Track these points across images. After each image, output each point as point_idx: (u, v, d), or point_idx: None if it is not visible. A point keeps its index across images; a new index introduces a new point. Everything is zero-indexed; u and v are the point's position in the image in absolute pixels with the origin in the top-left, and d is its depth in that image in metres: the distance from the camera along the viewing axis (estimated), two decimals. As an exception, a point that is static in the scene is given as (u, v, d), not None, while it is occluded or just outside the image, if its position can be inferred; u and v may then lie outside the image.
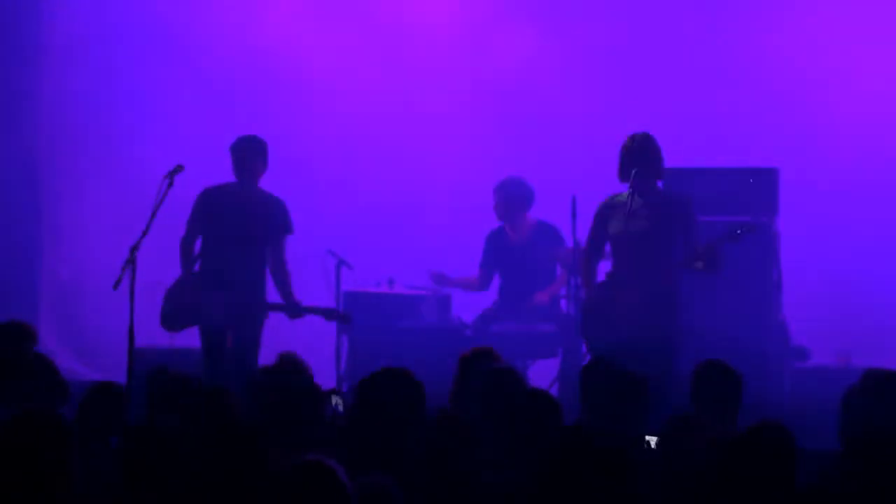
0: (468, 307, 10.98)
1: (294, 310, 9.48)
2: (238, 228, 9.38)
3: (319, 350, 10.70)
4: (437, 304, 10.82)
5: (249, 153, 9.43)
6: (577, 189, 9.94)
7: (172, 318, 9.45)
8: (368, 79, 12.40)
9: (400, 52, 12.40)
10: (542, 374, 10.36)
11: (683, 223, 8.78)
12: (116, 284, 8.66)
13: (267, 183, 9.52)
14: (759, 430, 5.07)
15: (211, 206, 9.49)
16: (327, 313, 9.65)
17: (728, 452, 5.12)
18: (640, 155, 8.75)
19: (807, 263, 11.11)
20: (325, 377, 8.26)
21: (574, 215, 9.83)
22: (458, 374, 6.96)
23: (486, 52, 12.33)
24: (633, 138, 8.82)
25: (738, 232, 8.71)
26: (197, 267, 9.51)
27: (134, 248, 8.69)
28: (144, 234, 8.79)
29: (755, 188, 10.12)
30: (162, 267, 9.57)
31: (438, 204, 12.20)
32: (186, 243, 9.53)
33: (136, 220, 9.01)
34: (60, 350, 11.74)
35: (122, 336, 8.67)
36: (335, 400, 6.56)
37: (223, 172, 9.53)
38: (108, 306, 10.40)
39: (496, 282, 10.98)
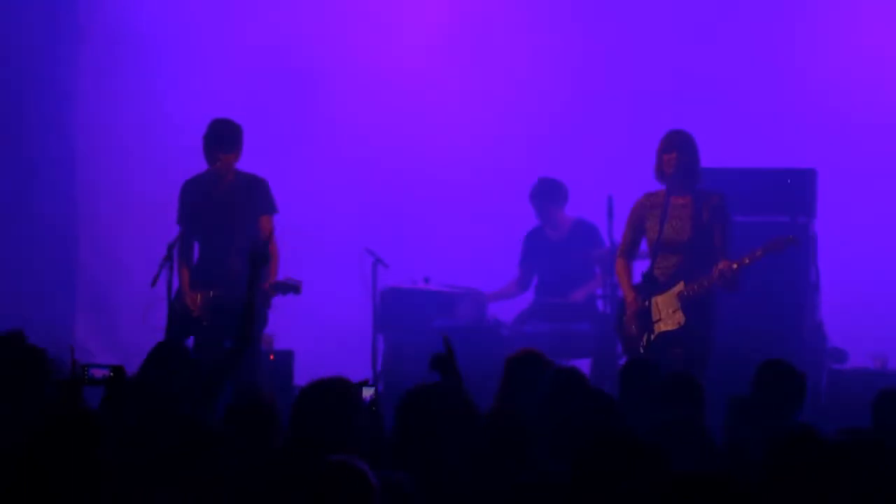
0: (504, 305, 10.97)
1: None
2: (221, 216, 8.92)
3: (355, 348, 10.75)
4: (473, 303, 10.81)
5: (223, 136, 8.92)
6: (613, 189, 9.91)
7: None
8: (404, 79, 12.39)
9: (437, 51, 12.39)
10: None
11: (719, 223, 8.72)
12: (154, 282, 8.69)
13: (301, 182, 9.33)
14: (791, 436, 5.02)
15: (193, 196, 9.03)
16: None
17: (765, 463, 5.05)
18: (677, 153, 8.68)
19: (845, 265, 11.05)
20: (362, 376, 8.24)
21: (611, 215, 9.78)
22: (505, 375, 6.92)
23: (524, 51, 12.31)
24: (670, 136, 8.77)
25: (777, 244, 8.63)
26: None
27: (171, 245, 8.73)
28: (182, 231, 8.86)
29: (793, 189, 10.08)
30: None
31: (474, 203, 12.20)
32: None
33: (174, 215, 9.08)
34: (97, 347, 11.79)
35: (159, 334, 8.73)
36: (366, 392, 6.45)
37: (265, 165, 9.36)
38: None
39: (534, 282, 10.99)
